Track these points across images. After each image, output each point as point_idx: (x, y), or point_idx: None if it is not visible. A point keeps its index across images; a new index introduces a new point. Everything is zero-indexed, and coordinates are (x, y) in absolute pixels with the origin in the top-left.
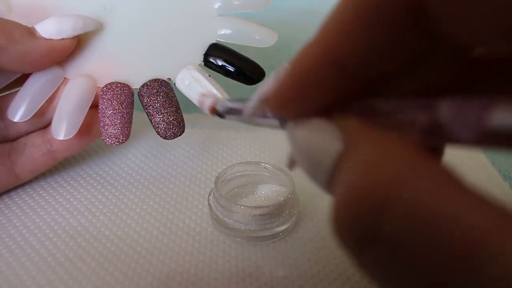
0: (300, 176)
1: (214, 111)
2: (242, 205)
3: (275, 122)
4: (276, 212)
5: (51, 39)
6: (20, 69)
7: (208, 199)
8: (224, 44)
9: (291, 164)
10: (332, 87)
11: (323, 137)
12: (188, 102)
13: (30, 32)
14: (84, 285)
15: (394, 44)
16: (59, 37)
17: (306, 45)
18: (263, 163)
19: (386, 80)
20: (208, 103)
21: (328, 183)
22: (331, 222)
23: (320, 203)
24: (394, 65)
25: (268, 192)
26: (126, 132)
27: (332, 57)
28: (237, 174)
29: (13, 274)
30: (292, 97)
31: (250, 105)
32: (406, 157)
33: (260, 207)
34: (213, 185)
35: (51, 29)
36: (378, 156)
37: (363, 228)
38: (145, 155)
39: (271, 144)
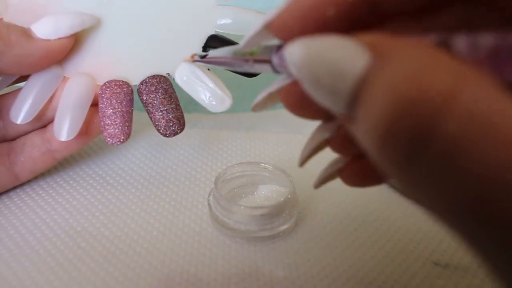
0: (300, 176)
1: (196, 56)
2: (242, 205)
3: (264, 65)
4: (276, 212)
5: (48, 40)
6: (19, 72)
7: (208, 199)
8: (223, 35)
9: (258, 106)
10: (348, 14)
11: (345, 50)
12: (188, 101)
13: (27, 34)
14: (83, 285)
15: None
16: (56, 37)
17: None
18: (263, 163)
19: (404, 20)
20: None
21: (351, 103)
22: (370, 138)
23: (320, 203)
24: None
25: (268, 192)
26: (127, 131)
27: None
28: (237, 174)
29: (12, 275)
30: (302, 17)
31: (250, 32)
32: (455, 65)
33: (260, 207)
34: (213, 185)
35: (47, 29)
36: (425, 64)
37: (416, 134)
38: (145, 155)
39: (271, 144)
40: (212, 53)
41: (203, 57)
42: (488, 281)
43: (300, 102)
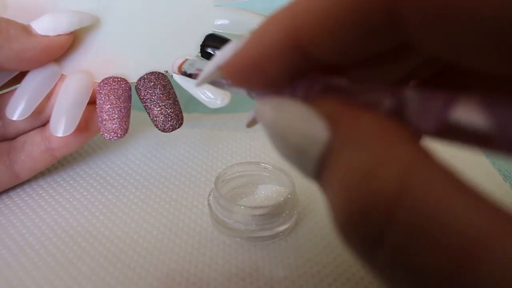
0: (300, 176)
1: (182, 71)
2: (242, 205)
3: (241, 90)
4: (276, 212)
5: (47, 36)
6: (17, 67)
7: (208, 199)
8: (221, 34)
9: (252, 123)
10: (290, 66)
11: (307, 123)
12: (188, 101)
13: (26, 30)
14: (83, 285)
15: (364, 41)
16: (55, 34)
17: (272, 15)
18: (263, 163)
19: (348, 68)
20: (178, 62)
21: (316, 174)
22: (333, 223)
23: (320, 203)
24: (362, 59)
25: (268, 192)
26: (125, 126)
27: (296, 37)
28: (237, 174)
29: (12, 274)
30: (247, 67)
31: (205, 71)
32: (406, 156)
33: (260, 207)
34: (213, 185)
35: (47, 25)
36: (375, 157)
37: (367, 235)
38: (145, 155)
39: (271, 144)
40: (194, 69)
41: (188, 74)
42: None
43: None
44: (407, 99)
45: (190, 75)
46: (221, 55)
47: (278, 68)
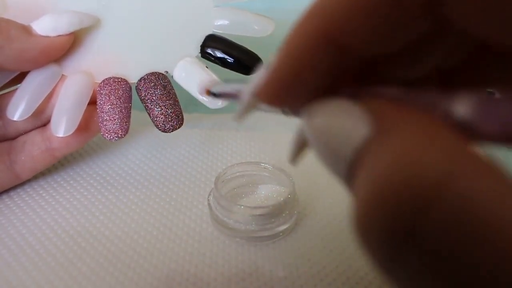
0: (300, 176)
1: (209, 92)
2: (242, 205)
3: (278, 110)
4: (276, 212)
5: (48, 36)
6: (18, 67)
7: (208, 199)
8: (221, 35)
9: (241, 115)
10: (329, 70)
11: (346, 119)
12: (188, 101)
13: (26, 30)
14: (83, 285)
15: (399, 24)
16: (55, 34)
17: (297, 23)
18: (263, 163)
19: (388, 63)
20: (204, 85)
21: (348, 175)
22: (354, 220)
23: (320, 203)
24: (397, 47)
25: (268, 192)
26: (125, 126)
27: (330, 34)
28: (237, 174)
29: (12, 274)
30: (285, 85)
31: (242, 102)
32: (450, 148)
33: (260, 207)
34: (213, 185)
35: (47, 26)
36: (419, 144)
37: (401, 224)
38: (145, 155)
39: (271, 144)
40: (225, 90)
41: (217, 95)
42: None
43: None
44: (461, 103)
45: (216, 95)
46: (254, 81)
47: (317, 73)
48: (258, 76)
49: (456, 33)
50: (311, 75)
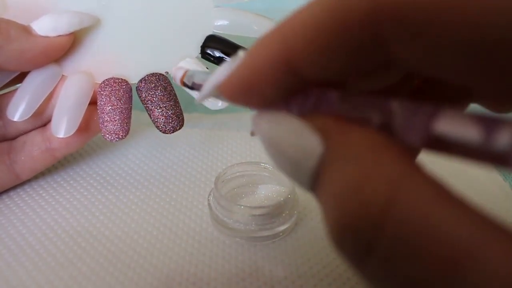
0: None
1: (184, 83)
2: (242, 205)
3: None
4: (276, 212)
5: (48, 37)
6: (18, 68)
7: (208, 199)
8: (221, 35)
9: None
10: (283, 84)
11: (301, 137)
12: (189, 101)
13: (26, 30)
14: (84, 285)
15: (350, 58)
16: (55, 34)
17: (264, 36)
18: (263, 163)
19: (337, 83)
20: (179, 74)
21: (311, 186)
22: (327, 233)
23: None
24: (349, 75)
25: (268, 192)
26: (126, 127)
27: (286, 57)
28: (237, 174)
29: (12, 274)
30: (243, 87)
31: (204, 90)
32: (394, 170)
33: (260, 207)
34: (213, 185)
35: (47, 26)
36: (364, 172)
37: (358, 245)
38: (145, 155)
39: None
40: (196, 80)
41: (190, 87)
42: None
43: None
44: (393, 113)
45: (192, 88)
46: (218, 74)
47: (272, 88)
48: (222, 70)
49: (401, 67)
50: (267, 86)
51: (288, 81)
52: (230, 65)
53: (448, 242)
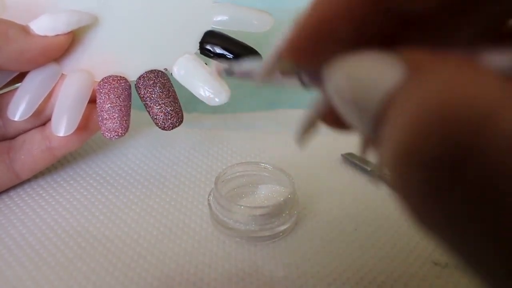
0: (300, 176)
1: (222, 72)
2: (242, 205)
3: (294, 81)
4: (276, 212)
5: (46, 36)
6: (17, 68)
7: (208, 199)
8: (220, 31)
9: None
10: (363, 25)
11: (374, 66)
12: (188, 101)
13: (25, 30)
14: (84, 285)
15: None
16: (53, 34)
17: None
18: (263, 163)
19: (420, 27)
20: (220, 67)
21: (376, 123)
22: (393, 161)
23: (320, 203)
24: (436, 3)
25: (268, 192)
26: (125, 125)
27: None
28: (237, 174)
29: (12, 274)
30: (314, 36)
31: (263, 64)
32: (495, 84)
33: (260, 207)
34: (213, 185)
35: (45, 26)
36: (463, 79)
37: (452, 156)
38: (145, 155)
39: (271, 144)
40: (239, 68)
41: (230, 72)
42: None
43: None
44: (499, 56)
45: (232, 73)
46: (279, 42)
47: (348, 23)
48: (281, 40)
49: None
50: (342, 25)
51: (368, 14)
52: (292, 26)
53: None
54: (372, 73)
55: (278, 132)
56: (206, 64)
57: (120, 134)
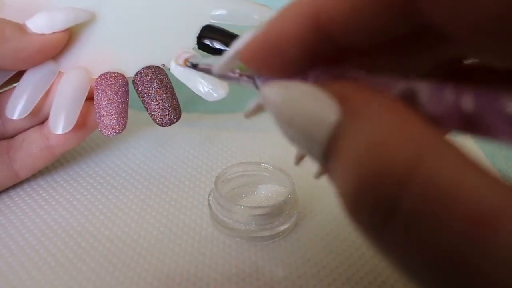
0: (300, 176)
1: (188, 63)
2: (242, 205)
3: (249, 82)
4: (276, 212)
5: (43, 34)
6: (14, 67)
7: (208, 199)
8: (218, 25)
9: (252, 113)
10: (310, 48)
11: (316, 101)
12: (188, 101)
13: (21, 29)
14: (84, 285)
15: (382, 22)
16: (50, 31)
17: (290, 3)
18: (263, 163)
19: (363, 55)
20: (183, 56)
21: (325, 155)
22: (342, 202)
23: (320, 203)
24: (376, 43)
25: (268, 192)
26: (122, 121)
27: (317, 17)
28: (237, 174)
29: (12, 274)
30: (266, 49)
31: (222, 58)
32: (417, 132)
33: (260, 207)
34: (213, 185)
35: (42, 23)
36: (388, 130)
37: (379, 207)
38: (145, 155)
39: (271, 144)
40: (203, 62)
41: (194, 65)
42: None
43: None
44: (418, 87)
45: (195, 66)
46: (240, 40)
47: (297, 50)
48: (246, 36)
49: (433, 44)
50: (293, 47)
51: (315, 44)
52: (253, 31)
53: (478, 203)
54: (316, 110)
55: (278, 132)
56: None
57: (117, 131)
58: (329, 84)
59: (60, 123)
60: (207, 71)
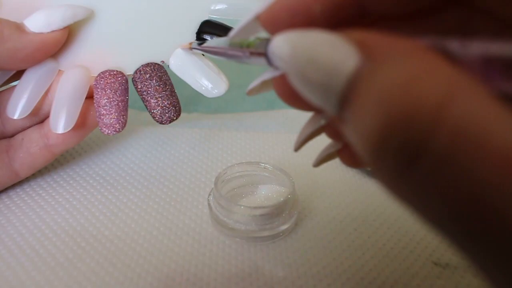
0: (300, 176)
1: (192, 45)
2: (242, 205)
3: (259, 58)
4: (276, 212)
5: (41, 33)
6: (13, 66)
7: (208, 199)
8: (217, 20)
9: (255, 90)
10: (337, 13)
11: (334, 47)
12: (188, 101)
13: (19, 28)
14: (83, 285)
15: None
16: (49, 30)
17: None
18: (263, 163)
19: (387, 23)
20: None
21: (340, 104)
22: (362, 148)
23: (320, 203)
24: (406, 11)
25: (268, 192)
26: (122, 120)
27: None
28: (237, 174)
29: (12, 274)
30: (292, 11)
31: (241, 23)
32: (447, 72)
33: (260, 207)
34: (213, 185)
35: (40, 22)
36: (417, 70)
37: (406, 148)
38: (145, 155)
39: (271, 144)
40: (210, 42)
41: (200, 44)
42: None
43: (292, 92)
44: (446, 42)
45: (201, 45)
46: (258, 7)
47: (324, 11)
48: (265, 1)
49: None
50: (320, 7)
51: (344, 5)
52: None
53: (508, 147)
54: (332, 55)
55: (278, 132)
56: (203, 55)
57: (117, 130)
58: (349, 31)
59: (60, 123)
60: (213, 51)
